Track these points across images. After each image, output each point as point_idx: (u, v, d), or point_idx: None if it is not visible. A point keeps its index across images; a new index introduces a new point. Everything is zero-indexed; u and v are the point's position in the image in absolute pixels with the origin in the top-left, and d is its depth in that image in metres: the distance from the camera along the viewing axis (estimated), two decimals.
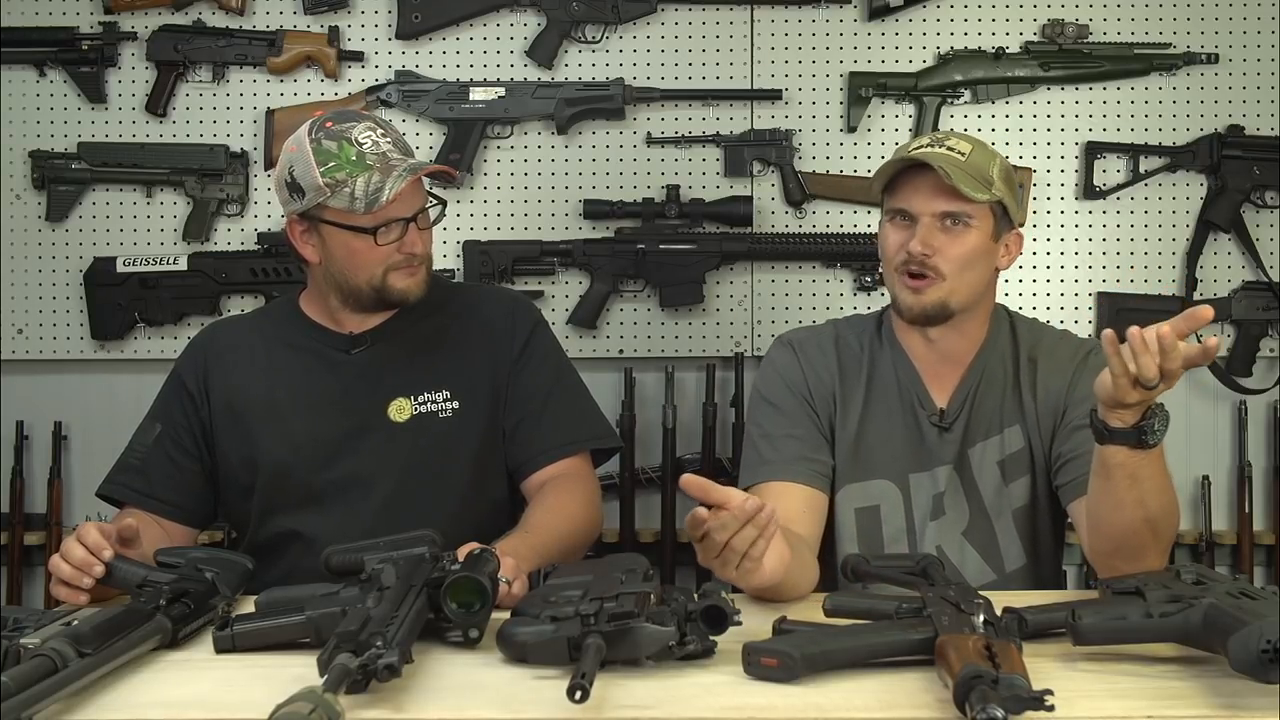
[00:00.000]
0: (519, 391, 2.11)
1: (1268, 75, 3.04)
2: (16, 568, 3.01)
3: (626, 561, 1.58)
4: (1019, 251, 2.02)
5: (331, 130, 1.99)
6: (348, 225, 1.98)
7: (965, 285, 1.94)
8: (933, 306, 1.94)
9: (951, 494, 1.98)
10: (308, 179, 1.98)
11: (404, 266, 2.02)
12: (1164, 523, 1.73)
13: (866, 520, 2.00)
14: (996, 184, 1.93)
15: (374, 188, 1.95)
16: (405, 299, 2.05)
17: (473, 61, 3.07)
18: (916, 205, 1.93)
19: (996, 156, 1.98)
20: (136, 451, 2.10)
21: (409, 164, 1.99)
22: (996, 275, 2.03)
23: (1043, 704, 1.17)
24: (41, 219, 3.05)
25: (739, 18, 3.06)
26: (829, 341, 2.07)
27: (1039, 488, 1.98)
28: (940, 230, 1.92)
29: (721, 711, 1.31)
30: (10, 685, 1.20)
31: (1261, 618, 1.28)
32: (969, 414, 1.99)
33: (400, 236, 1.99)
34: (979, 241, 1.94)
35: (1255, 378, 3.05)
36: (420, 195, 2.03)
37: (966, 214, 1.92)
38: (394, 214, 1.98)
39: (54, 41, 3.03)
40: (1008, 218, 1.98)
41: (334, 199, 1.97)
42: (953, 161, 1.91)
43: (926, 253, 1.91)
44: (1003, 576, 1.97)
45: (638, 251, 3.01)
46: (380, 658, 1.28)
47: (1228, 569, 3.01)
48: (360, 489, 2.04)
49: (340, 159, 1.96)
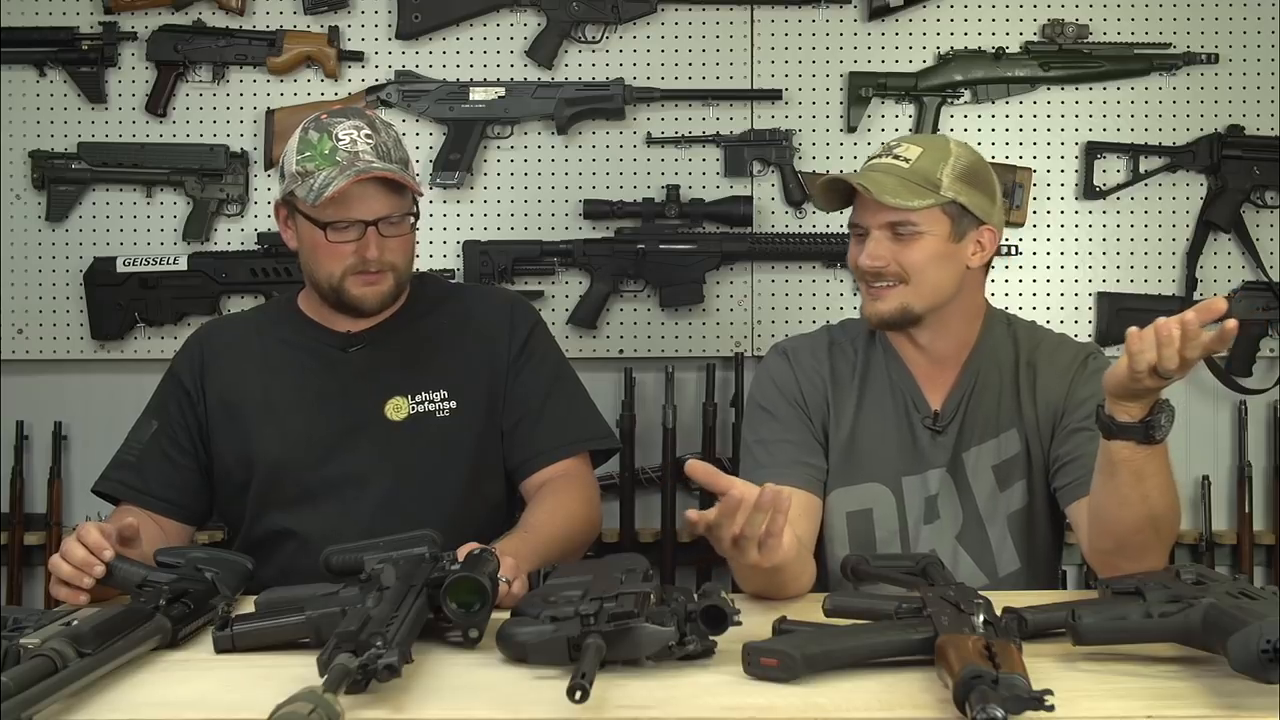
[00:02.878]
0: (517, 392, 2.11)
1: (1268, 75, 3.04)
2: (16, 568, 3.01)
3: (626, 561, 1.58)
4: (994, 247, 1.99)
5: (322, 123, 2.01)
6: (307, 216, 1.99)
7: (927, 288, 1.94)
8: (892, 313, 1.95)
9: (945, 497, 1.98)
10: (288, 165, 2.01)
11: (361, 272, 2.00)
12: (1166, 521, 1.73)
13: (858, 523, 2.00)
14: (946, 185, 1.92)
15: (326, 183, 1.95)
16: (361, 306, 2.03)
17: (473, 61, 3.07)
18: (866, 218, 1.95)
19: (952, 156, 1.95)
20: (132, 448, 2.10)
21: (359, 165, 1.96)
22: (980, 274, 2.01)
23: (1043, 704, 1.17)
24: (41, 219, 3.05)
25: (739, 18, 3.06)
26: (822, 348, 2.08)
27: (1036, 492, 1.98)
28: (891, 240, 1.93)
29: (721, 711, 1.31)
30: (10, 685, 1.20)
31: (1261, 618, 1.27)
32: (963, 417, 1.99)
33: (357, 239, 1.98)
34: (935, 245, 1.93)
35: (1255, 378, 3.05)
36: (387, 202, 1.99)
37: (911, 222, 1.92)
38: (349, 215, 1.97)
39: (54, 41, 3.03)
40: (971, 215, 1.95)
41: (300, 187, 1.98)
42: (894, 171, 1.93)
43: (877, 265, 1.93)
44: (996, 581, 1.96)
45: (638, 251, 3.01)
46: (380, 658, 1.27)
47: (1228, 569, 3.01)
48: (356, 488, 2.04)
49: (315, 150, 1.98)
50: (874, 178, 1.93)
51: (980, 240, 1.97)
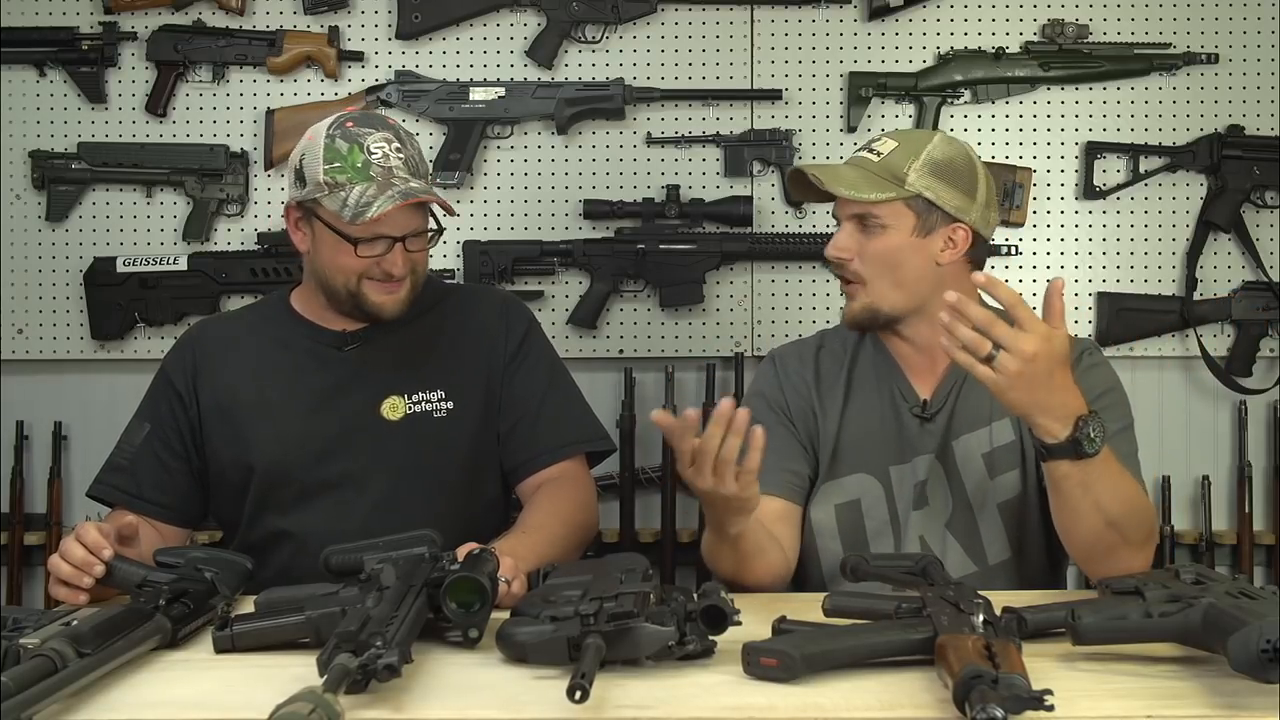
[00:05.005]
0: (513, 393, 2.11)
1: (1268, 75, 3.04)
2: (16, 568, 3.01)
3: (626, 561, 1.59)
4: (965, 245, 1.96)
5: (349, 131, 1.98)
6: (335, 229, 1.98)
7: (890, 287, 1.95)
8: (860, 313, 1.98)
9: (934, 484, 1.99)
10: (311, 171, 1.98)
11: (381, 281, 2.00)
12: (1129, 522, 1.73)
13: (847, 515, 2.01)
14: (913, 180, 1.92)
15: (364, 201, 1.93)
16: (379, 314, 2.03)
17: (473, 61, 3.07)
18: (838, 210, 2.00)
19: (925, 151, 1.94)
20: (125, 452, 2.09)
21: (403, 188, 1.95)
22: (960, 269, 1.96)
23: (1043, 704, 1.17)
24: (41, 219, 3.05)
25: (739, 18, 3.06)
26: (810, 351, 2.11)
27: (1030, 483, 1.97)
28: (859, 232, 1.96)
29: (721, 711, 1.31)
30: (10, 685, 1.20)
31: (1261, 618, 1.27)
32: (954, 405, 2.00)
33: (384, 253, 1.98)
34: (898, 240, 1.94)
35: (1255, 378, 3.05)
36: (416, 218, 1.99)
37: (874, 215, 1.94)
38: (380, 231, 1.96)
39: (54, 41, 3.03)
40: (940, 211, 1.94)
41: (329, 199, 1.96)
42: (864, 164, 1.95)
43: (842, 256, 1.97)
44: (985, 569, 1.97)
45: (638, 251, 3.01)
46: (380, 658, 1.28)
47: (1228, 569, 3.01)
48: (353, 488, 2.03)
49: (346, 162, 1.95)
50: (837, 170, 1.97)
51: (951, 237, 1.95)
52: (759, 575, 1.87)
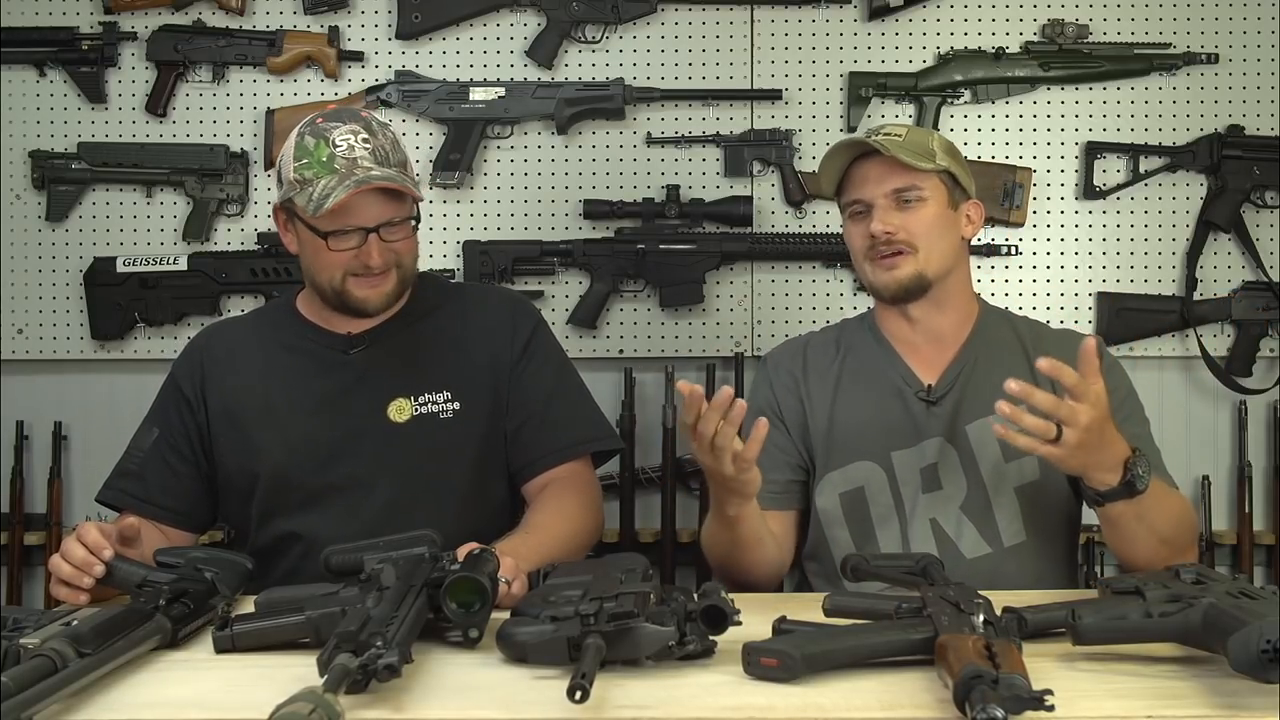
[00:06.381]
0: (520, 394, 2.11)
1: (1268, 75, 3.04)
2: (16, 568, 3.01)
3: (626, 561, 1.59)
4: (981, 221, 2.08)
5: (318, 127, 1.99)
6: (309, 225, 1.98)
7: (937, 254, 2.00)
8: (909, 279, 2.00)
9: (947, 467, 2.00)
10: (285, 171, 2.00)
11: (362, 274, 2.00)
12: (1180, 532, 1.81)
13: (852, 502, 2.03)
14: (939, 155, 2.00)
15: (325, 193, 1.93)
16: (364, 308, 2.03)
17: (473, 61, 3.07)
18: (869, 191, 2.01)
19: (934, 134, 2.08)
20: (134, 456, 2.10)
21: (360, 176, 1.94)
22: (966, 248, 2.08)
23: (1043, 704, 1.17)
24: (41, 219, 3.05)
25: (739, 18, 3.06)
26: (798, 347, 2.15)
27: (1050, 468, 1.98)
28: (896, 209, 1.99)
29: (721, 711, 1.30)
30: (10, 685, 1.20)
31: (1261, 618, 1.27)
32: (962, 390, 2.01)
33: (358, 245, 1.97)
34: (937, 211, 2.00)
35: (1255, 378, 3.05)
36: (389, 207, 1.98)
37: (917, 186, 1.99)
38: (350, 222, 1.95)
39: (54, 41, 3.03)
40: (960, 187, 2.03)
41: (299, 196, 1.97)
42: (890, 141, 1.99)
43: (889, 230, 1.98)
44: (1000, 551, 1.98)
45: (638, 251, 3.01)
46: (380, 658, 1.27)
47: (1228, 569, 3.01)
48: (361, 490, 2.03)
49: (312, 157, 1.96)
50: (883, 141, 2.00)
51: (969, 214, 2.05)
52: (752, 564, 1.90)
